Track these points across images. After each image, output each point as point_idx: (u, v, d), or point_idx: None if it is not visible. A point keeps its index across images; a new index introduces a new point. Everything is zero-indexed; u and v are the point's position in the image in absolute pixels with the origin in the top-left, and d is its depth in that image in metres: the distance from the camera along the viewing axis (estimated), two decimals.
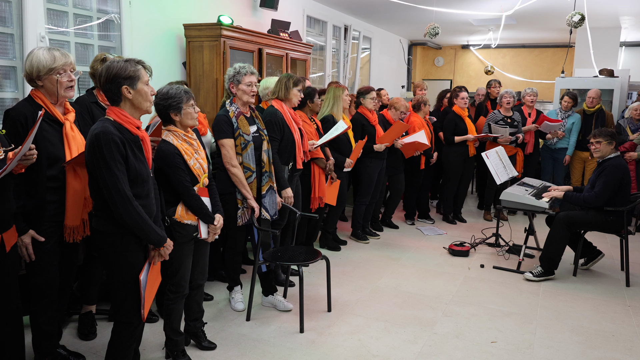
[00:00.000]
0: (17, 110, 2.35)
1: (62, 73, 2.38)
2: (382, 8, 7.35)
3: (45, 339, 2.56)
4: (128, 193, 2.06)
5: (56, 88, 2.38)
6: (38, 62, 2.33)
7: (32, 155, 2.14)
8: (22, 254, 2.37)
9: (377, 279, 4.10)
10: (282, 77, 3.65)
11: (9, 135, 2.31)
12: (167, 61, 4.57)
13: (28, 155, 2.13)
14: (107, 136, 2.03)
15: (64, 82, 2.40)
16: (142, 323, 2.29)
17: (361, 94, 4.90)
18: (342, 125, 4.19)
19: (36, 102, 2.39)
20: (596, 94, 6.09)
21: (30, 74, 2.35)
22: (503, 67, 11.38)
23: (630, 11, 7.22)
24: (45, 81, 2.37)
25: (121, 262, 2.15)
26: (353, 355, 2.91)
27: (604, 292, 3.93)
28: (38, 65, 2.33)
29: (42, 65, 2.33)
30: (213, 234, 2.68)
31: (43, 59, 2.33)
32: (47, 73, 2.35)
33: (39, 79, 2.36)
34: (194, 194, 2.57)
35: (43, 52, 2.35)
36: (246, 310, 3.35)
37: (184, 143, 2.57)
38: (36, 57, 2.34)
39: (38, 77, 2.35)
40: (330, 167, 4.25)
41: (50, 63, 2.34)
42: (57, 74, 2.36)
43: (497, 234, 5.01)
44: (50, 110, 2.40)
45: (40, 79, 2.36)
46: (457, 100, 5.66)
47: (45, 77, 2.36)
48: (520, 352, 2.99)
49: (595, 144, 4.14)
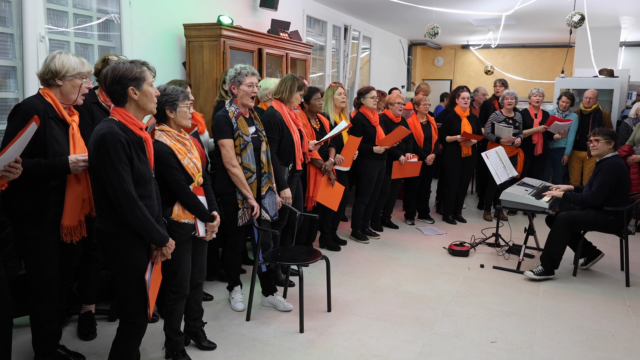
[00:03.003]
0: (30, 105, 2.37)
1: (85, 79, 2.49)
2: (382, 8, 7.35)
3: (46, 339, 2.57)
4: (133, 193, 2.07)
5: (76, 91, 2.46)
6: (69, 64, 2.42)
7: (16, 169, 2.10)
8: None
9: (377, 279, 4.10)
10: (286, 79, 3.64)
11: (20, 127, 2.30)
12: (167, 61, 4.57)
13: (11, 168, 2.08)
14: (114, 136, 2.03)
15: (84, 89, 2.50)
16: (147, 322, 2.30)
17: (361, 95, 4.90)
18: (343, 123, 4.21)
19: (46, 100, 2.42)
20: (593, 94, 6.10)
21: (56, 72, 2.39)
22: (503, 67, 11.38)
23: (630, 11, 7.22)
24: (67, 82, 2.43)
25: (126, 263, 2.16)
26: (353, 355, 2.91)
27: (604, 292, 3.93)
28: (70, 66, 2.42)
29: (72, 67, 2.42)
30: (211, 232, 2.69)
31: (74, 62, 2.43)
32: (73, 76, 2.43)
33: (62, 79, 2.42)
34: (190, 192, 2.58)
35: (72, 57, 2.45)
36: (246, 310, 3.35)
37: (177, 143, 2.57)
38: (67, 58, 2.43)
39: (63, 77, 2.41)
40: (326, 167, 4.23)
41: (80, 68, 2.45)
42: (81, 78, 2.47)
43: (497, 234, 5.01)
44: (59, 110, 2.44)
45: (63, 80, 2.42)
46: (458, 100, 5.66)
47: (69, 78, 2.43)
48: (520, 352, 2.99)
49: (594, 141, 4.14)
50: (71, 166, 2.37)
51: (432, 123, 5.62)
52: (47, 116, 2.37)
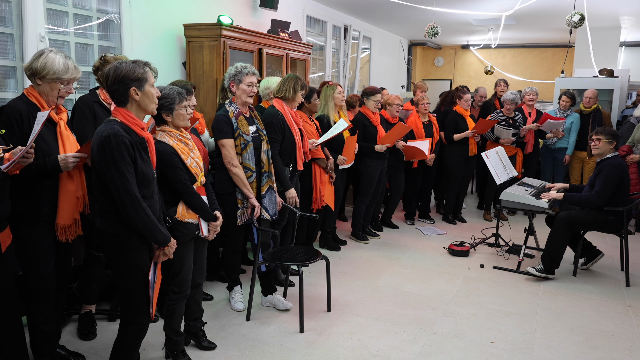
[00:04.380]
0: (12, 107, 2.35)
1: (65, 85, 2.42)
2: (382, 8, 7.35)
3: (44, 339, 2.56)
4: (137, 195, 2.07)
5: (54, 94, 2.42)
6: (52, 66, 2.35)
7: (31, 155, 2.15)
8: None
9: (377, 279, 4.10)
10: (289, 78, 3.65)
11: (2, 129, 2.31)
12: (167, 61, 4.57)
13: (28, 154, 2.13)
14: (118, 138, 2.03)
15: (63, 93, 2.44)
16: (149, 322, 2.30)
17: (366, 94, 4.89)
18: (343, 123, 4.20)
19: (30, 100, 2.40)
20: (593, 94, 6.11)
21: (36, 71, 2.36)
22: (503, 67, 11.38)
23: (630, 11, 7.22)
24: (45, 84, 2.39)
25: (128, 263, 2.16)
26: (353, 355, 2.91)
27: (604, 292, 3.93)
28: (51, 69, 2.36)
29: (53, 70, 2.36)
30: (213, 232, 2.70)
31: (57, 66, 2.36)
32: (52, 79, 2.38)
33: (42, 79, 2.37)
34: (194, 191, 2.58)
35: (59, 59, 2.38)
36: (246, 310, 3.35)
37: (179, 143, 2.57)
38: (51, 60, 2.36)
39: (42, 77, 2.36)
40: (330, 166, 4.26)
41: (62, 73, 2.38)
42: (61, 83, 2.41)
43: (497, 234, 5.01)
44: (44, 109, 2.40)
45: (42, 80, 2.37)
46: (461, 102, 5.66)
47: (48, 80, 2.38)
48: (520, 352, 2.99)
49: (596, 140, 4.15)
50: (61, 164, 2.35)
51: (434, 123, 5.62)
52: (30, 116, 2.34)
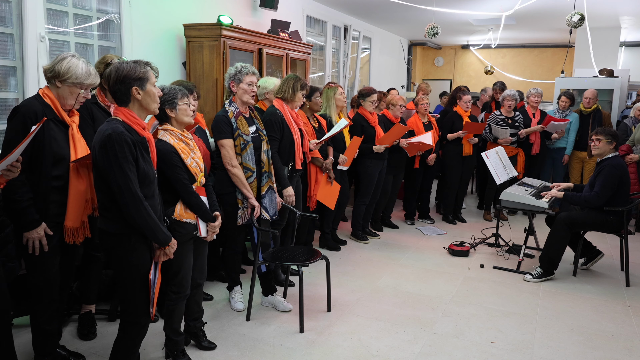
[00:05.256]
0: (28, 107, 2.36)
1: (85, 90, 2.47)
2: (382, 8, 7.35)
3: (46, 338, 2.57)
4: (139, 194, 2.07)
5: (73, 98, 2.45)
6: (75, 71, 2.39)
7: (16, 168, 2.11)
8: (31, 247, 2.39)
9: (377, 279, 4.10)
10: (289, 78, 3.65)
11: (19, 131, 2.31)
12: (167, 61, 4.56)
13: (12, 167, 2.09)
14: (120, 137, 2.04)
15: (81, 97, 2.48)
16: (149, 322, 2.30)
17: (362, 96, 4.90)
18: (343, 122, 4.22)
19: (45, 101, 2.41)
20: (592, 94, 6.11)
21: (58, 73, 2.38)
22: (503, 67, 11.38)
23: (630, 11, 7.22)
24: (65, 87, 2.41)
25: (129, 263, 2.16)
26: (353, 355, 2.91)
27: (603, 292, 3.93)
28: (74, 73, 2.39)
29: (75, 75, 2.39)
30: (212, 233, 2.69)
31: (80, 71, 2.40)
32: (74, 83, 2.41)
33: (62, 82, 2.40)
34: (193, 191, 2.58)
35: (82, 65, 2.42)
36: (246, 310, 3.35)
37: (180, 142, 2.58)
38: (75, 65, 2.39)
39: (64, 80, 2.39)
40: (326, 165, 4.25)
41: (84, 78, 2.42)
42: (82, 88, 2.44)
43: (497, 234, 5.01)
44: (57, 111, 2.43)
45: (63, 83, 2.40)
46: (460, 103, 5.67)
47: (69, 84, 2.40)
48: (520, 352, 2.99)
49: (596, 140, 4.15)
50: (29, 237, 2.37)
51: (433, 123, 5.63)
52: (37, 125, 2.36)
